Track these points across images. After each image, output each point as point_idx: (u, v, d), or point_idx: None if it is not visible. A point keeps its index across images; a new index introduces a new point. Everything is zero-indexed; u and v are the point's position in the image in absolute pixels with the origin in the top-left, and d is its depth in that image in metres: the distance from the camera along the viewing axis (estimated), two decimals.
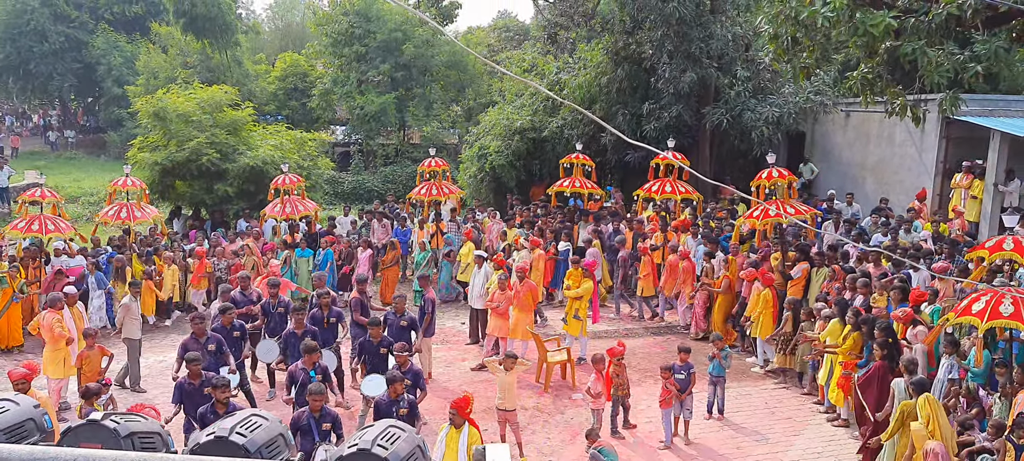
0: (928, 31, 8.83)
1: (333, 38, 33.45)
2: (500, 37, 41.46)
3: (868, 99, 10.55)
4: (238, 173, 20.21)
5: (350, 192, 29.68)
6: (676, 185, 17.11)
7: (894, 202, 17.63)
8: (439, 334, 13.72)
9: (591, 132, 21.09)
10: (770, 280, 12.86)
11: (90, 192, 28.91)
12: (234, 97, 22.34)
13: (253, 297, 12.55)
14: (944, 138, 17.34)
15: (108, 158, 37.90)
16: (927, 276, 12.02)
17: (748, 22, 21.04)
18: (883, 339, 9.64)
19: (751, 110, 19.57)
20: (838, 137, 20.50)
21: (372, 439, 3.49)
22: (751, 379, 12.70)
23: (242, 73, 35.36)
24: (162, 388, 11.95)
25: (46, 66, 39.27)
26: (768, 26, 12.53)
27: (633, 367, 12.54)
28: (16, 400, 4.15)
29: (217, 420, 7.79)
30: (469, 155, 24.71)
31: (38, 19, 38.31)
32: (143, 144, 21.35)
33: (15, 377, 8.79)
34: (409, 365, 9.70)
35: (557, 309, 15.83)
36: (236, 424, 3.64)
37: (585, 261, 13.55)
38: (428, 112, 33.39)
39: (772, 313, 12.77)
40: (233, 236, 17.82)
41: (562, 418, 11.32)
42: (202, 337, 10.38)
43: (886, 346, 9.64)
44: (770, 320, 12.76)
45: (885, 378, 9.45)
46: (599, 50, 21.64)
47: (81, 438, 3.76)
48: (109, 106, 39.76)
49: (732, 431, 10.88)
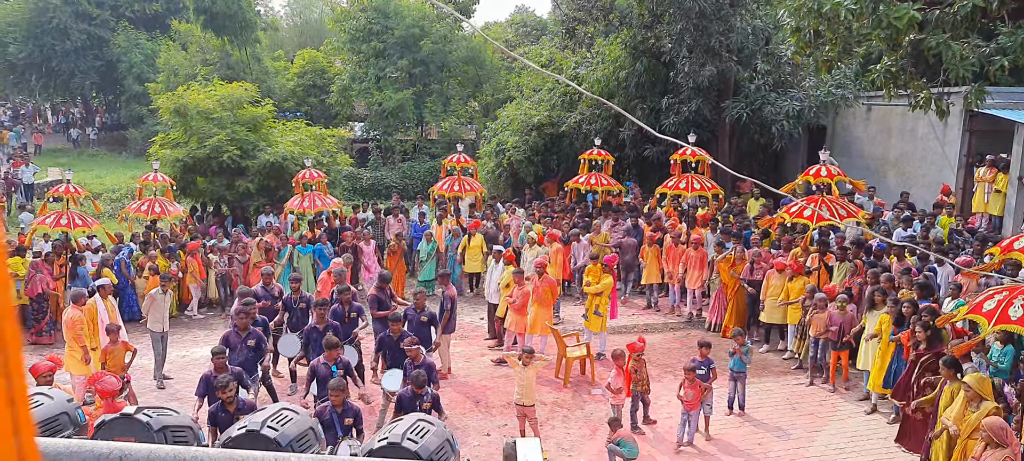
0: (953, 23, 8.74)
1: (351, 34, 33.58)
2: (517, 32, 41.45)
3: (891, 92, 10.46)
4: (258, 169, 20.34)
5: (368, 188, 29.81)
6: (694, 181, 17.02)
7: (916, 196, 17.47)
8: (458, 329, 13.76)
9: (609, 127, 21.05)
10: (800, 268, 12.90)
11: (112, 189, 29.19)
12: (254, 94, 22.47)
13: (275, 292, 12.62)
14: (967, 131, 17.16)
15: (129, 155, 38.24)
16: (951, 271, 11.91)
17: (768, 15, 20.88)
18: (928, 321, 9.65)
19: (771, 104, 19.45)
20: (859, 131, 20.34)
21: (402, 433, 3.51)
22: (772, 374, 12.65)
23: (261, 70, 35.56)
24: (186, 382, 12.07)
25: (68, 64, 39.66)
26: (790, 19, 12.42)
27: (653, 363, 12.53)
28: (50, 394, 4.22)
29: (228, 418, 7.89)
30: (487, 150, 24.73)
31: (60, 17, 38.70)
32: (164, 141, 21.53)
33: (39, 371, 8.84)
34: (421, 358, 9.73)
35: (573, 304, 15.85)
36: (267, 418, 3.68)
37: (605, 257, 13.54)
38: (446, 108, 33.47)
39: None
40: (255, 231, 17.95)
41: (582, 413, 11.32)
42: (244, 332, 10.35)
43: (928, 328, 9.63)
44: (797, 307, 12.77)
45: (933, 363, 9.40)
46: (617, 45, 21.58)
47: (115, 432, 3.82)
48: (130, 103, 40.09)
49: (753, 427, 10.84)
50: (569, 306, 16.03)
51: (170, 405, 8.22)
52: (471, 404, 11.58)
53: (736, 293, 14.02)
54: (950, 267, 11.94)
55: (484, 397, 11.81)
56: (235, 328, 10.44)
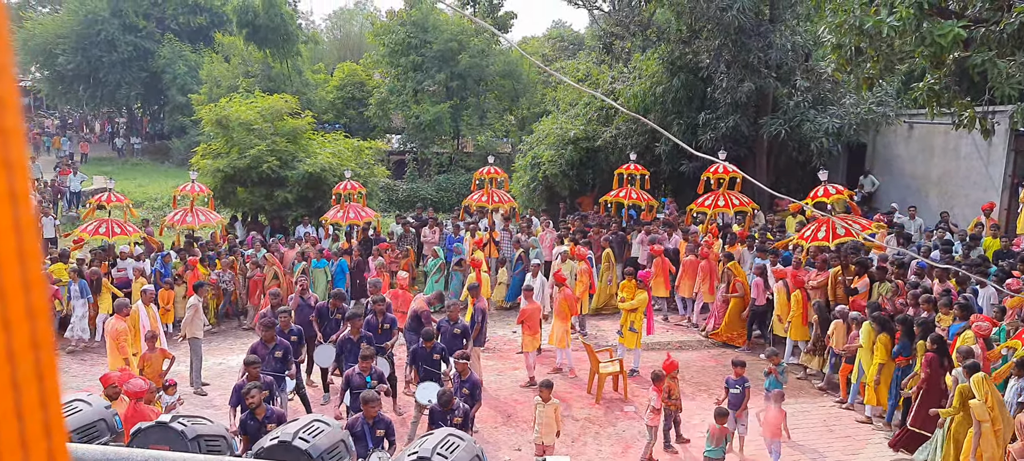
0: (999, 41, 8.58)
1: (390, 48, 33.96)
2: (554, 47, 41.55)
3: (934, 111, 10.28)
4: (297, 180, 20.60)
5: (404, 200, 30.03)
6: (730, 197, 16.88)
7: (958, 216, 17.12)
8: (490, 343, 13.76)
9: (645, 142, 20.95)
10: (800, 282, 13.16)
11: (154, 197, 29.78)
12: (294, 106, 22.79)
13: (312, 302, 12.74)
14: (1013, 151, 16.78)
15: (172, 164, 38.99)
16: (992, 293, 11.64)
17: (809, 31, 20.64)
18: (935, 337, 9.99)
19: (810, 121, 19.19)
20: (900, 149, 20.00)
21: (432, 448, 3.51)
22: (809, 395, 12.44)
23: (302, 82, 36.10)
24: (221, 390, 12.22)
25: (115, 75, 40.59)
26: (830, 35, 12.28)
27: (687, 380, 12.40)
28: (89, 401, 4.30)
29: (257, 427, 7.94)
30: (522, 164, 24.77)
31: (108, 29, 39.66)
32: (206, 151, 21.91)
33: (108, 382, 8.83)
34: (469, 374, 9.73)
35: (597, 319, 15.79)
36: (300, 429, 3.71)
37: (640, 273, 13.47)
38: (482, 121, 33.66)
39: (802, 315, 13.15)
40: (293, 242, 18.17)
41: (614, 430, 11.23)
42: (271, 343, 10.43)
43: (937, 341, 9.91)
44: (800, 322, 13.16)
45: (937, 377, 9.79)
46: (654, 60, 21.50)
47: (150, 439, 3.87)
48: (173, 114, 40.92)
49: (788, 448, 10.65)
50: (602, 322, 15.93)
51: (204, 413, 8.35)
52: (502, 419, 11.55)
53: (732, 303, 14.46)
54: (992, 289, 11.67)
55: (515, 411, 11.78)
56: (262, 340, 10.50)
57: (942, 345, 10.02)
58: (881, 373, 10.85)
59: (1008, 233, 16.20)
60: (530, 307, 12.87)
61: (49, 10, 46.31)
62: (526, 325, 12.78)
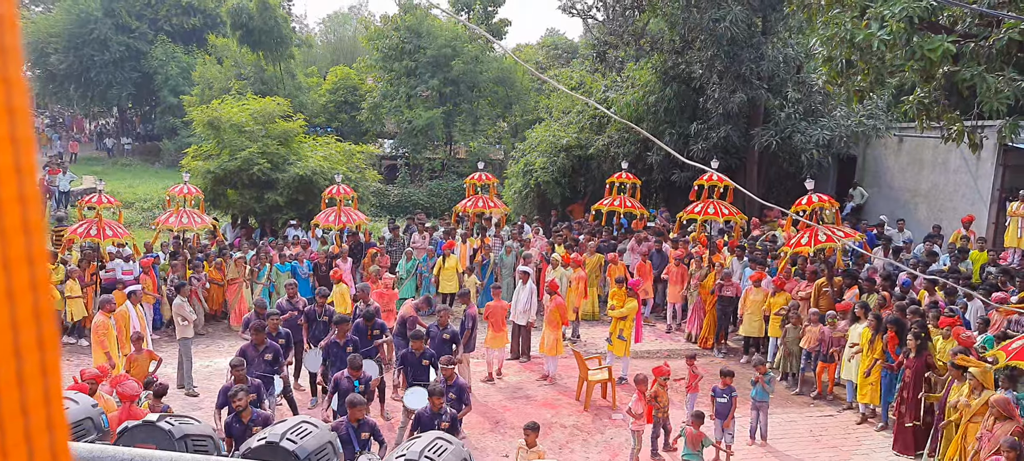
0: (988, 56, 8.67)
1: (384, 53, 33.96)
2: (548, 55, 41.65)
3: (924, 124, 10.37)
4: (288, 183, 20.57)
5: (396, 205, 30.01)
6: (720, 206, 16.95)
7: (947, 229, 17.23)
8: (479, 349, 13.76)
9: (637, 151, 21.01)
10: (782, 284, 13.73)
11: (144, 198, 29.64)
12: (286, 109, 22.76)
13: (299, 306, 12.72)
14: (1001, 165, 16.93)
15: (162, 165, 38.85)
16: (980, 306, 11.73)
17: (800, 44, 20.78)
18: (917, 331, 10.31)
19: (801, 132, 19.30)
20: (890, 162, 20.13)
21: (420, 451, 3.52)
22: (796, 405, 12.49)
23: (294, 85, 36.04)
24: (209, 392, 12.17)
25: (106, 75, 40.40)
26: (822, 48, 12.39)
27: (677, 389, 12.42)
28: (76, 399, 4.29)
29: (242, 429, 7.92)
30: (514, 171, 24.80)
31: (101, 29, 39.50)
32: (197, 153, 21.84)
33: (87, 377, 8.87)
34: (455, 379, 9.73)
35: (588, 326, 15.80)
36: (287, 430, 3.71)
37: (630, 282, 13.50)
38: (475, 127, 33.67)
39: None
40: (281, 244, 18.11)
41: (602, 438, 11.24)
42: (261, 346, 10.45)
43: (919, 337, 10.24)
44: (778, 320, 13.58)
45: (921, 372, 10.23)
46: (647, 69, 21.59)
47: (137, 438, 3.86)
48: (164, 115, 40.77)
49: (775, 458, 10.70)
50: (591, 329, 15.95)
51: (193, 414, 8.32)
52: (490, 424, 11.55)
53: (711, 308, 14.80)
54: (979, 301, 11.77)
55: (503, 417, 11.78)
56: (252, 343, 10.53)
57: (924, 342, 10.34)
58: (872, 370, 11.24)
59: (996, 247, 16.32)
60: (495, 305, 13.28)
61: (42, 9, 46.11)
62: (491, 323, 13.14)
